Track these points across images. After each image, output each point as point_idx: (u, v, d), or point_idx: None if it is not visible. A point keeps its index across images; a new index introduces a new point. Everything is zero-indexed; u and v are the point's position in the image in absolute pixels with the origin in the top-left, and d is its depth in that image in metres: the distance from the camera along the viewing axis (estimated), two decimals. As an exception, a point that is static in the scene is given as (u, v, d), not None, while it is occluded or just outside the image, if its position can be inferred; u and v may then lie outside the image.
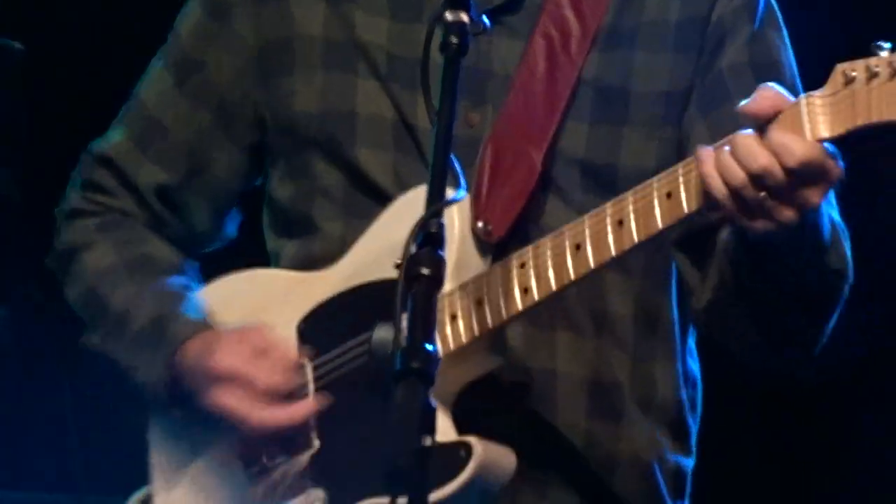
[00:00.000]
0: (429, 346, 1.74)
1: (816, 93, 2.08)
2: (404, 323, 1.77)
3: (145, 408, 2.67)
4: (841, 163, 2.09)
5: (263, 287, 2.67)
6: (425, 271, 1.80)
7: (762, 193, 2.05)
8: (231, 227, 2.84)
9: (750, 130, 2.08)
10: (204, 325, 2.53)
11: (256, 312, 2.55)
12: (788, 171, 2.03)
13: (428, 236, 1.86)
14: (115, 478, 3.16)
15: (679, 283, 2.51)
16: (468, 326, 2.33)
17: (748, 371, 3.00)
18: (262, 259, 2.87)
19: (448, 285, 2.18)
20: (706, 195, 2.09)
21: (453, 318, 2.33)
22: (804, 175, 2.04)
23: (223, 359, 2.41)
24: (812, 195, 2.06)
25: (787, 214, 2.06)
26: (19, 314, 5.00)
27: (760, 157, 2.03)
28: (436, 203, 1.92)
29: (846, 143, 2.08)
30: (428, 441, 1.66)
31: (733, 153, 2.06)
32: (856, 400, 5.60)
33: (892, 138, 2.11)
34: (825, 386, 4.97)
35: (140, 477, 2.72)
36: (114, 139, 2.79)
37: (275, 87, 2.68)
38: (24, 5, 5.52)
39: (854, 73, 2.00)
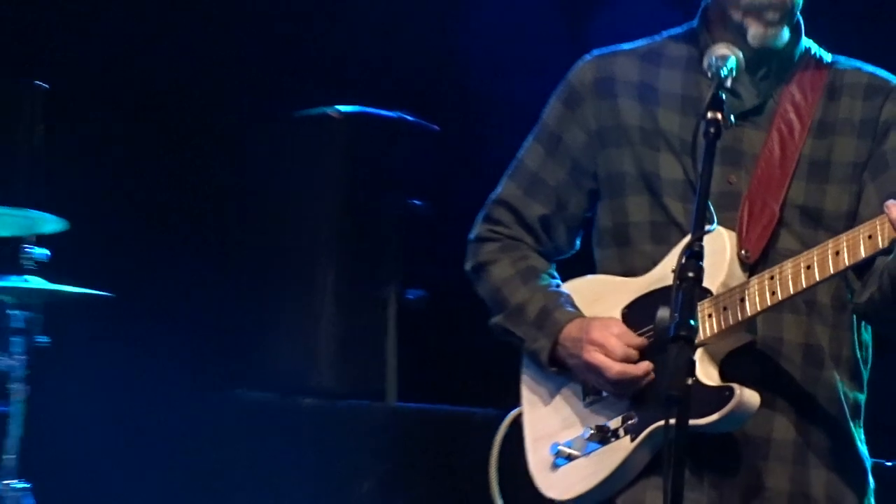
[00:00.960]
0: (691, 322, 2.26)
1: None
2: (677, 308, 2.30)
3: (523, 361, 3.20)
4: None
5: (599, 286, 3.11)
6: (690, 275, 2.30)
7: None
8: (577, 243, 3.23)
9: None
10: (575, 314, 3.00)
11: (596, 302, 3.04)
12: None
13: (693, 253, 2.35)
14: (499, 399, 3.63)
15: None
16: (734, 315, 2.77)
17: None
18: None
19: (721, 289, 2.74)
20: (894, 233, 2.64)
21: (724, 309, 2.77)
22: None
23: (596, 333, 2.90)
24: None
25: None
26: (433, 294, 5.97)
27: None
28: (697, 233, 2.42)
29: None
30: (689, 381, 2.19)
31: None
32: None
33: None
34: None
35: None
36: (506, 188, 3.23)
37: (607, 155, 3.09)
38: (442, 95, 6.47)
39: None
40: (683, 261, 2.37)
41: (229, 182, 6.41)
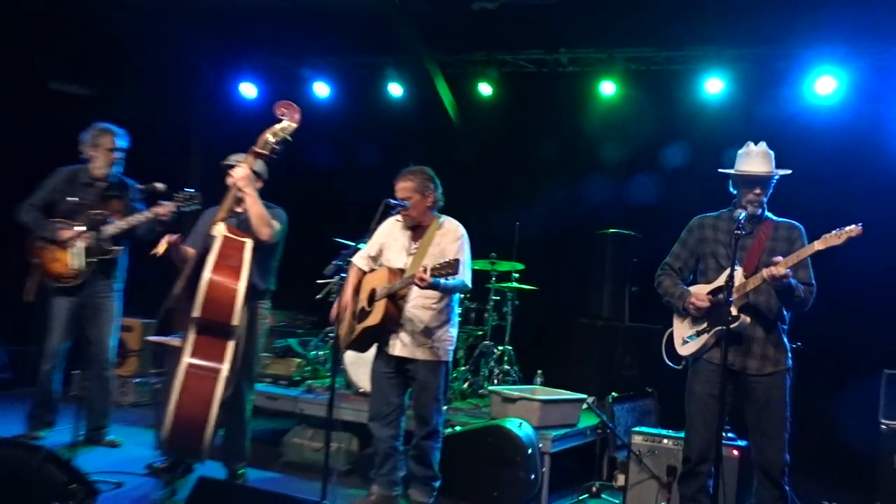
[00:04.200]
0: (730, 299, 3.78)
1: (791, 256, 3.82)
2: (726, 293, 3.79)
3: (670, 309, 4.32)
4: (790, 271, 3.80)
5: (698, 287, 4.27)
6: (729, 283, 3.74)
7: (781, 275, 3.74)
8: (690, 277, 4.36)
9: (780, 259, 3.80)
10: (691, 292, 4.13)
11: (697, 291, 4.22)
12: (783, 273, 3.77)
13: (731, 276, 3.76)
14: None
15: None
16: (741, 291, 3.94)
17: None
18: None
19: (739, 283, 3.88)
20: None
21: (737, 290, 3.89)
22: (786, 275, 3.79)
23: (695, 293, 4.07)
24: (784, 278, 3.79)
25: (781, 282, 3.82)
26: (642, 288, 7.57)
27: (777, 268, 3.81)
28: (731, 271, 3.76)
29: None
30: (729, 319, 3.76)
31: (778, 267, 3.81)
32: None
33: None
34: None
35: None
36: (668, 259, 4.37)
37: (701, 248, 4.26)
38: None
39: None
40: (727, 278, 3.85)
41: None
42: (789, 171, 4.15)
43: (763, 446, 4.06)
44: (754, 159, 4.14)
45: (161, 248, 4.88)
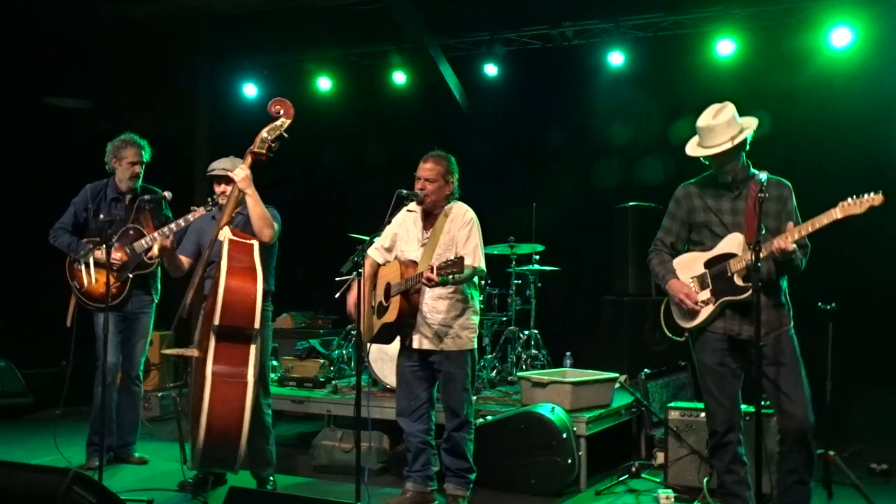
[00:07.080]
0: (759, 264, 3.65)
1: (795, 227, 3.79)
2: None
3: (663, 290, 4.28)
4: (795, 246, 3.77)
5: (691, 256, 4.22)
6: (756, 249, 3.63)
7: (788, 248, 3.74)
8: (684, 248, 4.33)
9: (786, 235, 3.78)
10: (673, 277, 4.16)
11: (688, 265, 4.19)
12: (792, 249, 3.76)
13: (757, 242, 3.65)
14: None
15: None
16: (740, 269, 3.95)
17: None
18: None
19: (741, 254, 3.92)
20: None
21: (740, 260, 3.92)
22: (794, 250, 3.78)
23: (676, 284, 4.11)
24: (793, 252, 3.78)
25: (788, 253, 3.78)
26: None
27: (785, 241, 3.78)
28: (757, 235, 3.67)
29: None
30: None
31: (787, 241, 3.79)
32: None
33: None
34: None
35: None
36: (659, 234, 4.34)
37: (692, 217, 4.21)
38: None
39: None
40: (755, 244, 3.72)
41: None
42: (745, 136, 4.05)
43: (786, 408, 4.02)
44: (707, 136, 4.07)
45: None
